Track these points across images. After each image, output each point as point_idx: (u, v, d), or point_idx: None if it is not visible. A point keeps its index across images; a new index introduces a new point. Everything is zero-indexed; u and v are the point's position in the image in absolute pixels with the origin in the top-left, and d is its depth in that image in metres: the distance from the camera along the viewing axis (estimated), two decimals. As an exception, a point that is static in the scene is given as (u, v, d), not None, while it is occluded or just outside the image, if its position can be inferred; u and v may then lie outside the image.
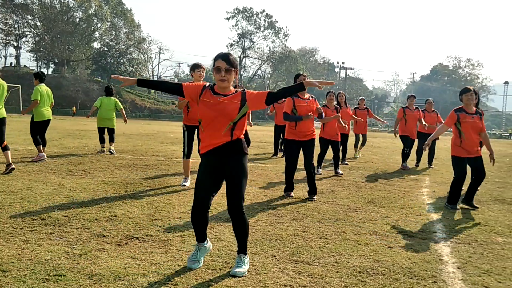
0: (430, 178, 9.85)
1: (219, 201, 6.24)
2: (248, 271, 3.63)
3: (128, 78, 3.87)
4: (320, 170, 9.84)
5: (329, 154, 10.10)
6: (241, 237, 3.71)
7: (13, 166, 7.76)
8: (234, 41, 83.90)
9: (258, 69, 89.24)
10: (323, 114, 7.25)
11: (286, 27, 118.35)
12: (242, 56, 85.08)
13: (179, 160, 10.53)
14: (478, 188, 6.96)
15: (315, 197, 6.86)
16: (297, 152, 6.99)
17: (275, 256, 4.05)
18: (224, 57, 3.61)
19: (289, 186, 7.08)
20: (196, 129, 7.40)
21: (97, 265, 3.61)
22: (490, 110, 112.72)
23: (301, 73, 7.32)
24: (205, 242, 3.84)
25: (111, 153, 11.12)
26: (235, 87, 3.83)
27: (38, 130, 9.70)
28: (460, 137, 6.65)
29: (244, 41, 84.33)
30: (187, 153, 7.40)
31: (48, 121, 9.88)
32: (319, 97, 11.82)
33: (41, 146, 9.51)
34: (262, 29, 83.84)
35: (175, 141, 16.77)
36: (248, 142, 12.37)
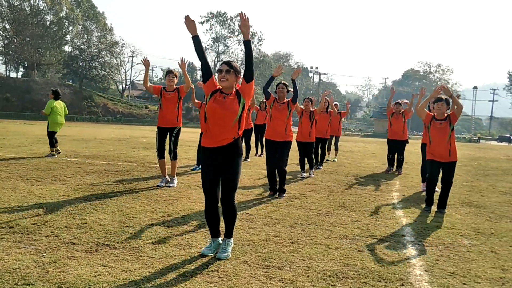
0: (400, 182, 10.03)
1: (191, 207, 6.24)
2: (219, 277, 3.66)
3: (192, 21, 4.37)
4: (304, 174, 10.01)
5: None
6: (229, 224, 4.32)
7: None
8: (208, 45, 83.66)
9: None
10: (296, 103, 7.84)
11: (260, 32, 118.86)
12: (216, 60, 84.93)
13: (151, 166, 10.46)
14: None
15: (284, 195, 7.36)
16: (274, 150, 7.40)
17: (246, 262, 4.08)
18: (226, 62, 4.29)
19: (271, 187, 7.48)
20: (168, 131, 7.86)
21: (66, 273, 3.57)
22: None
23: (282, 81, 7.94)
24: (219, 238, 4.38)
25: (59, 152, 11.87)
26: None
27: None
28: (429, 140, 6.90)
29: (219, 46, 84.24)
30: (159, 153, 7.86)
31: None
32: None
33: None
34: (236, 33, 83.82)
35: (147, 146, 16.64)
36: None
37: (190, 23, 4.31)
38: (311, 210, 6.47)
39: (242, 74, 4.32)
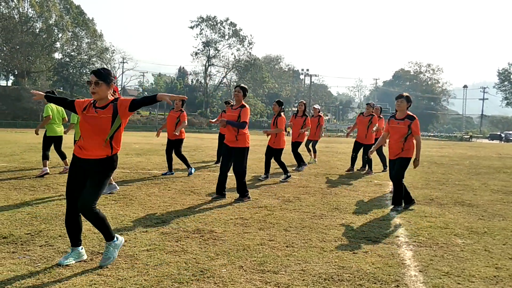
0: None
1: (185, 213, 6.24)
2: (215, 283, 3.66)
3: (40, 93, 4.40)
4: (263, 176, 10.07)
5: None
6: (101, 228, 4.11)
7: None
8: (198, 49, 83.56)
9: (223, 77, 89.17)
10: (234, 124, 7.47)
11: (251, 35, 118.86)
12: (207, 64, 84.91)
13: (144, 172, 10.44)
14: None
15: (245, 199, 7.36)
16: (228, 155, 7.44)
17: (242, 267, 4.08)
18: (94, 72, 4.11)
19: (217, 188, 7.53)
20: None
21: (61, 283, 3.56)
22: (450, 113, 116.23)
23: (241, 84, 7.94)
24: (80, 247, 4.16)
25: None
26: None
27: (49, 144, 10.05)
28: (390, 139, 7.10)
29: (209, 50, 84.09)
30: None
31: (60, 137, 10.26)
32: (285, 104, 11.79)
33: (47, 161, 9.87)
34: (226, 37, 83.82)
35: (140, 152, 16.60)
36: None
37: (37, 96, 4.40)
38: (305, 213, 6.48)
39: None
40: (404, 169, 6.97)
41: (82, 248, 4.17)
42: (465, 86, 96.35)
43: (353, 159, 12.01)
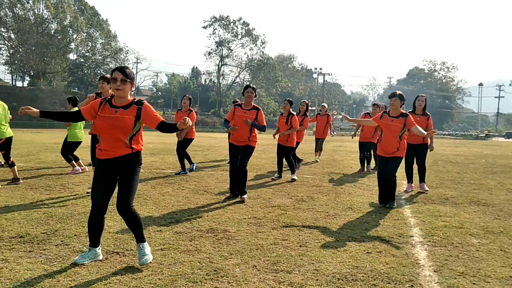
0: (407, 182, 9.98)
1: (199, 212, 6.26)
2: (229, 283, 3.67)
3: (34, 110, 4.31)
4: (277, 175, 10.05)
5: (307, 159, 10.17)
6: (136, 229, 4.12)
7: (21, 181, 8.52)
8: (212, 49, 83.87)
9: (237, 77, 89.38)
10: (252, 126, 7.42)
11: (264, 35, 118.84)
12: (220, 64, 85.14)
13: (158, 172, 10.50)
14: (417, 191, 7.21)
15: (244, 196, 7.32)
16: (236, 154, 7.43)
17: (255, 266, 4.09)
18: (119, 69, 4.02)
19: (231, 188, 7.57)
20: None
21: (77, 282, 3.60)
22: (465, 111, 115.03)
23: (251, 85, 7.66)
24: (98, 247, 4.18)
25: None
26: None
27: (70, 149, 10.10)
28: (381, 136, 7.12)
29: (222, 49, 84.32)
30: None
31: (79, 143, 10.26)
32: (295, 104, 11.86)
33: (74, 161, 10.07)
34: (239, 37, 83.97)
35: (154, 151, 16.70)
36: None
37: (30, 112, 4.34)
38: (318, 213, 6.47)
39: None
40: (398, 167, 7.10)
41: (99, 249, 4.20)
42: (480, 84, 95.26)
43: (362, 160, 11.97)
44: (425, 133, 6.95)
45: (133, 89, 4.19)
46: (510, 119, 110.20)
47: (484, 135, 68.70)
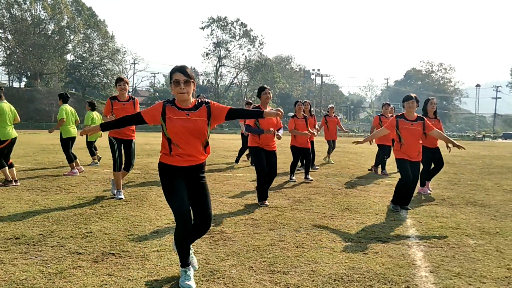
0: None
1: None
2: (225, 284, 3.67)
3: (92, 127, 4.01)
4: (294, 177, 10.01)
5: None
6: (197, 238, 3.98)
7: (19, 183, 8.43)
8: (209, 50, 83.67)
9: (234, 78, 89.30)
10: (281, 129, 7.41)
11: (261, 36, 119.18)
12: (218, 65, 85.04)
13: (155, 173, 10.49)
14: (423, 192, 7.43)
15: (266, 202, 7.09)
16: (265, 157, 7.13)
17: (252, 267, 4.08)
18: (181, 70, 3.65)
19: (263, 195, 7.15)
20: (122, 143, 7.37)
21: (73, 283, 3.59)
22: (463, 112, 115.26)
23: (266, 86, 7.40)
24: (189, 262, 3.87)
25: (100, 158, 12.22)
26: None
27: (68, 145, 10.33)
28: (400, 142, 6.88)
29: (220, 50, 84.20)
30: (119, 165, 7.35)
31: (74, 138, 10.53)
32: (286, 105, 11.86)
33: (73, 163, 10.12)
34: (237, 37, 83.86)
35: (151, 153, 16.69)
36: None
37: (91, 130, 4.09)
38: (315, 214, 6.47)
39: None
40: (419, 171, 7.02)
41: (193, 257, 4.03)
42: (477, 85, 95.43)
43: (383, 162, 11.81)
44: (446, 136, 6.94)
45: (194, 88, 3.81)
46: (507, 120, 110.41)
47: (481, 136, 68.80)
